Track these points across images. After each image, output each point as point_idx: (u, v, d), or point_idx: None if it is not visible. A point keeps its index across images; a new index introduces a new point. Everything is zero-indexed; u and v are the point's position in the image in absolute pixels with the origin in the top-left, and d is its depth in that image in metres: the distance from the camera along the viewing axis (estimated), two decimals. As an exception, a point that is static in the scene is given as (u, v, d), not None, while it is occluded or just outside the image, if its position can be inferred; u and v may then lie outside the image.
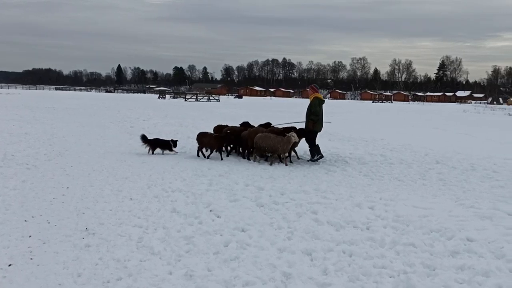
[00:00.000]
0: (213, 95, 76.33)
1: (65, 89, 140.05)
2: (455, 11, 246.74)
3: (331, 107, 54.56)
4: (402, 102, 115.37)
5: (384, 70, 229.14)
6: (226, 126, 13.61)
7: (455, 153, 13.52)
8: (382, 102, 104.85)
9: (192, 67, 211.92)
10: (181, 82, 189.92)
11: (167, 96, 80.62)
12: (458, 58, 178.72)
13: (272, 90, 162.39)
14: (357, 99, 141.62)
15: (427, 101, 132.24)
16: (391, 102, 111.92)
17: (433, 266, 4.63)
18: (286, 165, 10.87)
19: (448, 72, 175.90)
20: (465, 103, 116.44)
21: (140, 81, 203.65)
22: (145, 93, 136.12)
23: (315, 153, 11.49)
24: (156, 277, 4.40)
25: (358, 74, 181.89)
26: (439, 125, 26.44)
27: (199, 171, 9.62)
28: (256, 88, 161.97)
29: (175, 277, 4.42)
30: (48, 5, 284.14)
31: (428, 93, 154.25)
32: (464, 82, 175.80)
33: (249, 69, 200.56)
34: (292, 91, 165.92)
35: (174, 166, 10.22)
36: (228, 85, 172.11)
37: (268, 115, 32.60)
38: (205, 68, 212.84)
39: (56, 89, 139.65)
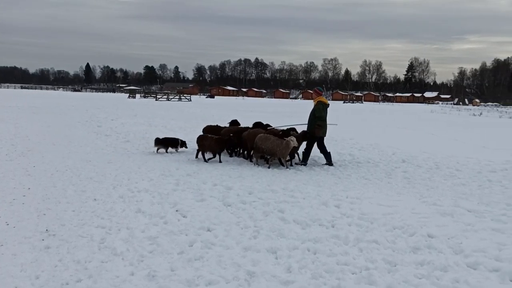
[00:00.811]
0: (184, 95, 75.57)
1: (31, 88, 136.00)
2: (423, 14, 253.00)
3: (303, 107, 55.01)
4: (373, 103, 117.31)
5: (355, 71, 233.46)
6: (217, 126, 13.30)
7: (421, 152, 13.83)
8: (353, 102, 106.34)
9: (163, 66, 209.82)
10: (152, 82, 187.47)
11: (138, 95, 79.35)
12: (426, 60, 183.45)
13: (244, 90, 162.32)
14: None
15: (396, 102, 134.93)
16: (362, 102, 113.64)
17: (394, 262, 4.71)
18: (287, 168, 10.46)
19: (417, 74, 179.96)
20: (433, 103, 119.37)
21: (110, 80, 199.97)
22: (114, 92, 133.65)
23: (306, 158, 11.15)
24: (118, 278, 4.32)
25: (330, 74, 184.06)
26: (407, 124, 26.99)
27: (167, 171, 9.51)
28: (229, 88, 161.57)
29: (137, 277, 4.34)
30: (13, 0, 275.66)
31: (398, 94, 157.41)
32: (432, 83, 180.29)
33: (222, 68, 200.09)
34: (264, 91, 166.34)
35: (141, 166, 10.07)
36: (200, 85, 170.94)
37: (241, 115, 32.60)
38: (176, 68, 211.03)
39: (22, 87, 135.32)
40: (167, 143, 12.63)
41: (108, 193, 7.56)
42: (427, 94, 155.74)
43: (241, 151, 12.25)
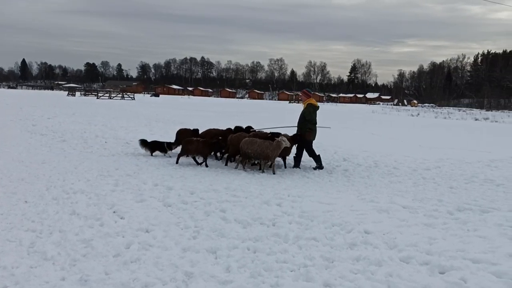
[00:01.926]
0: (128, 93, 73.66)
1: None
2: (365, 18, 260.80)
3: (250, 107, 55.28)
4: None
5: (300, 72, 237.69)
6: (195, 130, 12.38)
7: (361, 151, 14.28)
8: (298, 102, 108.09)
9: (105, 64, 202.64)
10: (94, 79, 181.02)
11: (78, 93, 76.38)
12: (368, 62, 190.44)
13: (190, 89, 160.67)
14: (275, 99, 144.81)
15: (340, 102, 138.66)
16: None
17: (331, 258, 4.80)
18: (274, 173, 9.89)
19: (359, 75, 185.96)
20: (374, 104, 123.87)
21: (48, 77, 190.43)
22: (53, 89, 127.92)
23: (298, 162, 10.89)
24: (47, 284, 4.09)
25: (276, 74, 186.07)
26: (349, 124, 27.80)
27: (105, 171, 9.17)
28: (174, 86, 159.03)
29: (68, 283, 4.13)
30: None
31: (341, 95, 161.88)
32: (373, 85, 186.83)
33: (167, 67, 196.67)
34: (210, 90, 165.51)
35: (77, 166, 9.64)
36: (144, 83, 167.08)
37: (187, 114, 32.21)
38: (119, 65, 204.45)
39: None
40: (153, 147, 12.03)
41: (40, 194, 7.17)
42: (369, 95, 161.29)
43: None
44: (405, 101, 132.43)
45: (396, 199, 7.59)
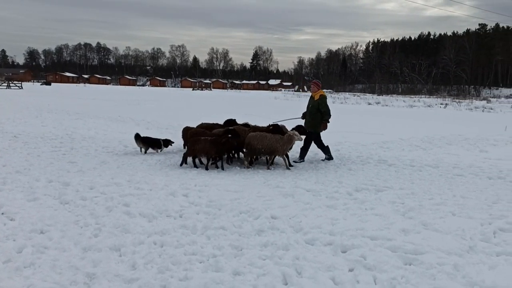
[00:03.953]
0: (14, 82, 67.48)
1: None
2: (264, 5, 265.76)
3: (153, 95, 53.63)
4: (221, 90, 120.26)
5: (203, 58, 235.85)
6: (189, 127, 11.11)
7: (265, 137, 14.52)
8: (202, 89, 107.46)
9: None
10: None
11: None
12: (269, 49, 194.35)
13: (86, 76, 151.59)
14: (178, 87, 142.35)
15: (243, 89, 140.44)
16: (211, 89, 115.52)
17: (240, 246, 4.80)
18: (269, 168, 9.45)
19: (261, 62, 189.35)
20: (276, 90, 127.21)
21: None
22: None
23: (326, 153, 10.67)
24: None
25: (178, 61, 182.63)
26: (253, 111, 28.21)
27: (-9, 169, 8.28)
28: (68, 74, 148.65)
29: None
30: None
31: (244, 81, 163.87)
32: (275, 71, 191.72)
33: (58, 53, 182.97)
34: (108, 78, 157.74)
35: (-44, 165, 8.59)
36: (33, 71, 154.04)
37: (81, 103, 30.37)
38: (3, 51, 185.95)
39: None
40: (148, 143, 11.23)
41: None
42: (271, 82, 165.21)
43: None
44: (305, 87, 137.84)
45: (300, 183, 7.85)
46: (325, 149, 10.74)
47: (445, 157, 11.27)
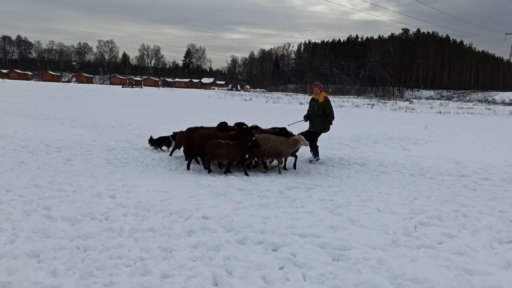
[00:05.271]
0: None
1: None
2: (195, 2, 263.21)
3: (78, 92, 51.15)
4: (152, 88, 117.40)
5: (133, 55, 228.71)
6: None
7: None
8: (132, 87, 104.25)
9: None
10: None
11: None
12: (202, 47, 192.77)
13: (5, 71, 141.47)
14: (106, 84, 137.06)
15: (176, 87, 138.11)
16: (142, 87, 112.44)
17: (170, 248, 4.67)
18: (264, 172, 9.21)
19: (194, 60, 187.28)
20: (210, 89, 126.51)
21: None
22: None
23: (316, 154, 10.74)
24: None
25: (106, 57, 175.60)
26: (186, 109, 27.83)
27: None
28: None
29: None
30: None
31: (177, 79, 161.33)
32: (208, 70, 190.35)
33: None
34: (30, 73, 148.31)
35: None
36: None
37: (1, 99, 28.32)
38: None
39: None
40: (160, 143, 11.65)
41: None
42: (204, 80, 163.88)
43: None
44: (238, 86, 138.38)
45: (233, 182, 7.81)
46: (317, 150, 10.84)
47: (371, 155, 11.77)
